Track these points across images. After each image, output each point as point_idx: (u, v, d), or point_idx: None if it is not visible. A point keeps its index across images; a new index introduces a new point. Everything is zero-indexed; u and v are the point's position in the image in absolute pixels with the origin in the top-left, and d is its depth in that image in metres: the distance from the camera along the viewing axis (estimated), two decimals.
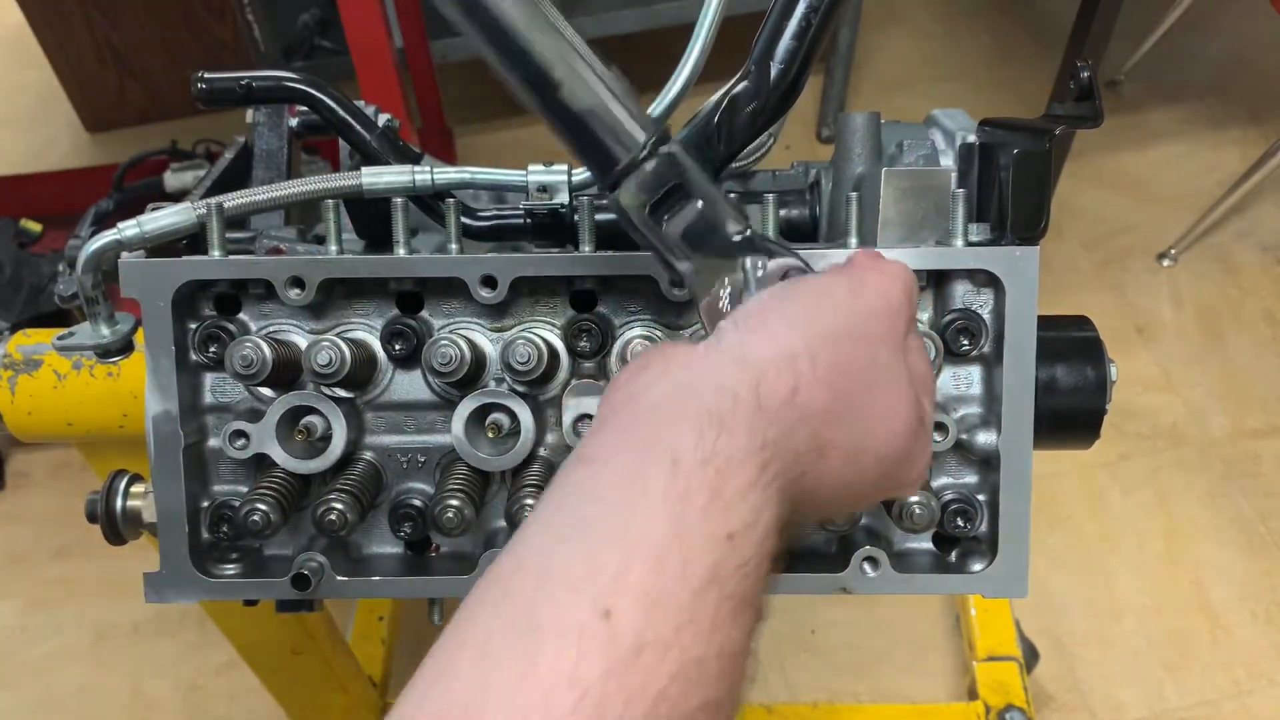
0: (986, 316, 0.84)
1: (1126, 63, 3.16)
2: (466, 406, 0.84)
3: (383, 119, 1.02)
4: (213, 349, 0.85)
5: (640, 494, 0.49)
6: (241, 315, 0.87)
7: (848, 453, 0.57)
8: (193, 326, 0.86)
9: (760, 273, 0.63)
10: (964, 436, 0.84)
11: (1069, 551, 2.20)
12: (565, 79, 0.64)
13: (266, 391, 0.87)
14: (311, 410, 0.85)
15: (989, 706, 1.75)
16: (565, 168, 0.93)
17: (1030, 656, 1.91)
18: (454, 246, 0.85)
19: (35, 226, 2.72)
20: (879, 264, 0.64)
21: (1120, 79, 3.18)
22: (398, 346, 0.84)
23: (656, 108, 0.89)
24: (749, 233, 0.65)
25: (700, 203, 0.64)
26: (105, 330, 0.94)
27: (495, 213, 0.99)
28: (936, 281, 0.85)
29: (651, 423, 0.53)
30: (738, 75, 0.85)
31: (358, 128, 0.98)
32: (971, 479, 0.88)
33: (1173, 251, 2.72)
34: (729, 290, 0.64)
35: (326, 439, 0.84)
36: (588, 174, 0.94)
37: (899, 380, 0.60)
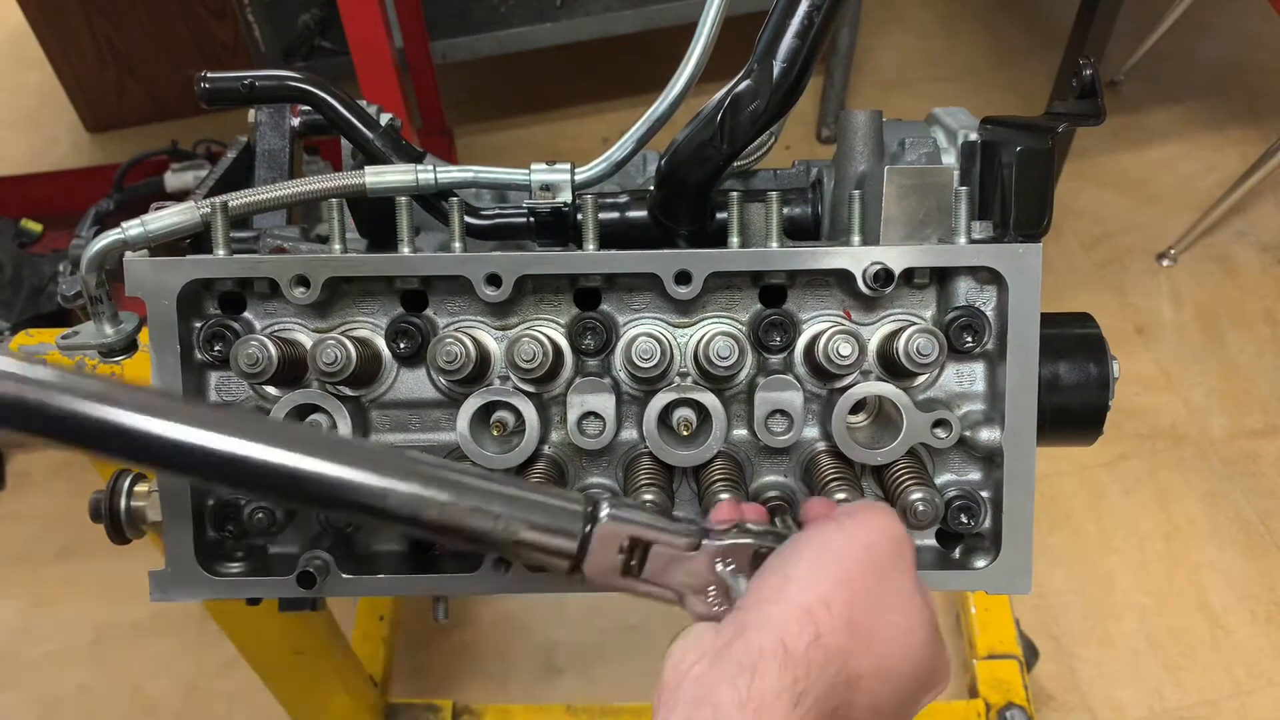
0: (989, 313, 0.84)
1: (1126, 63, 3.16)
2: (471, 404, 0.84)
3: (385, 118, 1.02)
4: (218, 347, 0.85)
5: None
6: (246, 314, 0.88)
7: (876, 677, 0.63)
8: (197, 325, 0.86)
9: (731, 567, 0.69)
10: (967, 433, 0.84)
11: (1069, 551, 2.20)
12: (497, 519, 0.64)
13: (272, 390, 0.87)
14: (317, 409, 0.85)
15: (989, 704, 1.75)
16: (568, 166, 0.93)
17: (1030, 655, 1.91)
18: (458, 245, 0.85)
19: (36, 226, 2.72)
20: (867, 506, 0.70)
21: (1120, 79, 3.18)
22: (402, 345, 0.85)
23: (659, 107, 0.90)
24: (700, 544, 0.69)
25: (655, 546, 0.69)
26: (109, 329, 0.94)
27: (498, 211, 0.99)
28: (940, 279, 0.86)
29: (695, 689, 0.59)
30: (740, 74, 0.85)
31: (361, 127, 0.98)
32: (975, 475, 0.88)
33: (1172, 251, 2.73)
34: (713, 594, 0.69)
35: None
36: (591, 172, 0.94)
37: (909, 598, 0.66)
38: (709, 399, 0.83)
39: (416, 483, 0.61)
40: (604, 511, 0.67)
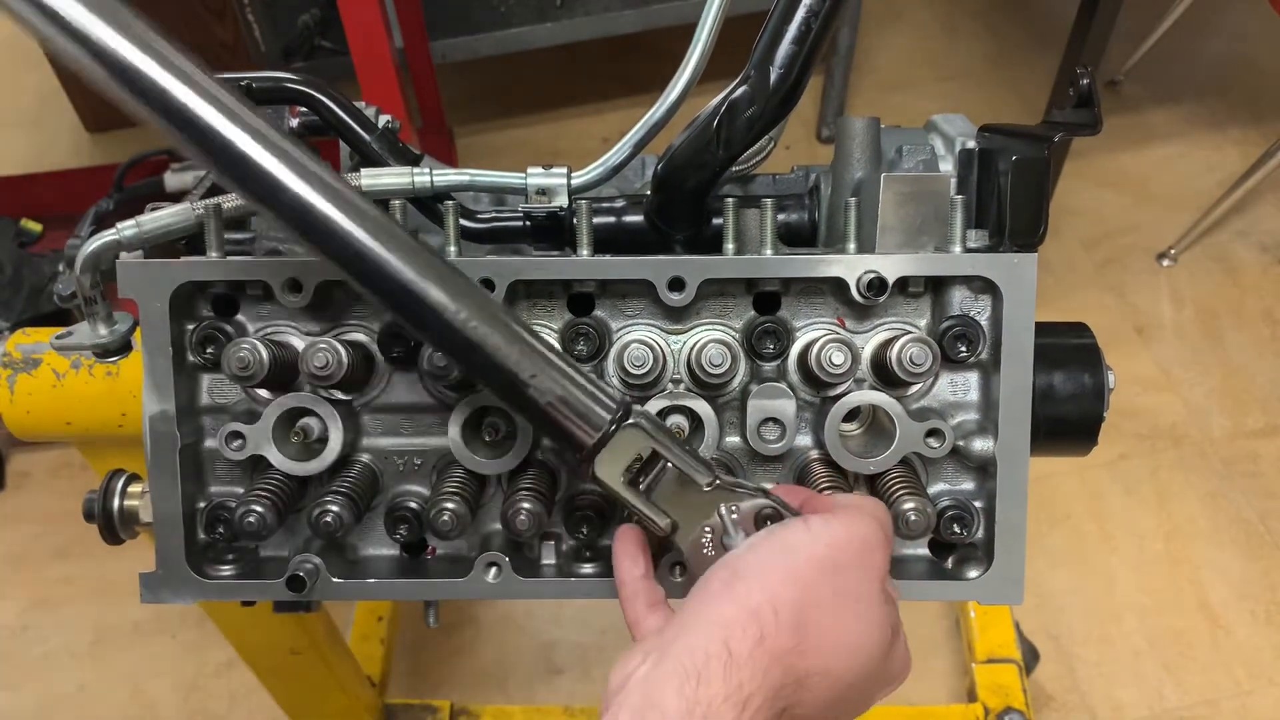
0: (984, 323, 0.83)
1: (1126, 63, 3.15)
2: (463, 410, 0.84)
3: (383, 120, 1.01)
4: (210, 350, 0.85)
5: None
6: (239, 316, 0.87)
7: (824, 676, 0.63)
8: (190, 327, 0.86)
9: (735, 516, 0.70)
10: (961, 443, 0.84)
11: (1069, 551, 2.20)
12: (533, 377, 0.69)
13: (263, 393, 0.87)
14: (308, 412, 0.85)
15: (988, 709, 1.75)
16: (564, 170, 0.93)
17: (1030, 657, 1.91)
18: (452, 249, 0.85)
19: (35, 226, 2.72)
20: (856, 503, 0.71)
21: (1120, 79, 3.18)
22: (395, 349, 0.84)
23: (656, 111, 0.90)
24: (718, 481, 0.72)
25: (670, 464, 0.71)
26: (104, 330, 0.94)
27: (494, 215, 0.99)
28: (934, 288, 0.85)
29: (641, 692, 0.60)
30: (737, 79, 0.85)
31: (357, 129, 0.97)
32: (968, 485, 0.88)
33: (1173, 251, 2.72)
34: (710, 535, 0.71)
35: (323, 441, 0.84)
36: (588, 176, 0.94)
37: (866, 601, 0.66)
38: (701, 406, 0.83)
39: (484, 321, 0.67)
40: (634, 417, 0.70)
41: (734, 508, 0.70)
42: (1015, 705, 1.75)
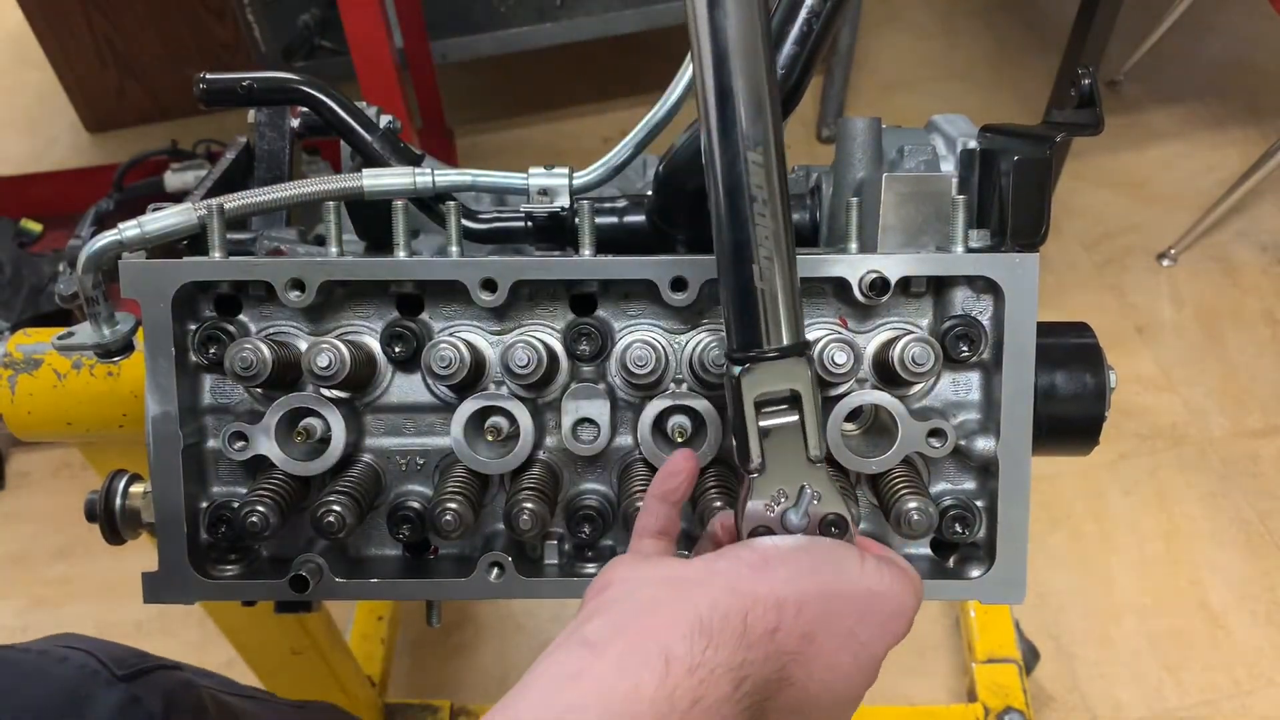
0: (986, 323, 0.84)
1: (1126, 63, 3.16)
2: (466, 409, 0.84)
3: (384, 120, 1.02)
4: (212, 350, 0.85)
5: (632, 692, 0.55)
6: (242, 316, 0.87)
7: (803, 692, 0.62)
8: (192, 327, 0.86)
9: (814, 503, 0.69)
10: (963, 443, 0.84)
11: (1069, 551, 2.20)
12: (763, 261, 0.67)
13: (266, 393, 0.87)
14: (311, 412, 0.85)
15: (988, 709, 1.75)
16: (566, 171, 0.93)
17: (1030, 657, 1.91)
18: (454, 249, 0.85)
19: (36, 226, 2.72)
20: (907, 570, 0.69)
21: (1120, 79, 3.18)
22: (397, 349, 0.84)
23: (657, 111, 0.90)
24: (821, 463, 0.69)
25: (798, 417, 0.69)
26: (105, 330, 0.94)
27: (496, 215, 0.99)
28: (936, 288, 0.85)
29: (649, 617, 0.59)
30: None
31: (359, 129, 0.98)
32: (970, 485, 0.88)
33: (1173, 251, 2.72)
34: (780, 507, 0.69)
35: (326, 441, 0.85)
36: (589, 176, 0.94)
37: (865, 658, 0.65)
38: (704, 406, 0.83)
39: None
40: (809, 356, 0.68)
41: (817, 494, 0.69)
42: (1015, 705, 1.75)
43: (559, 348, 0.86)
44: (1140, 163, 2.99)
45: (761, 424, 0.68)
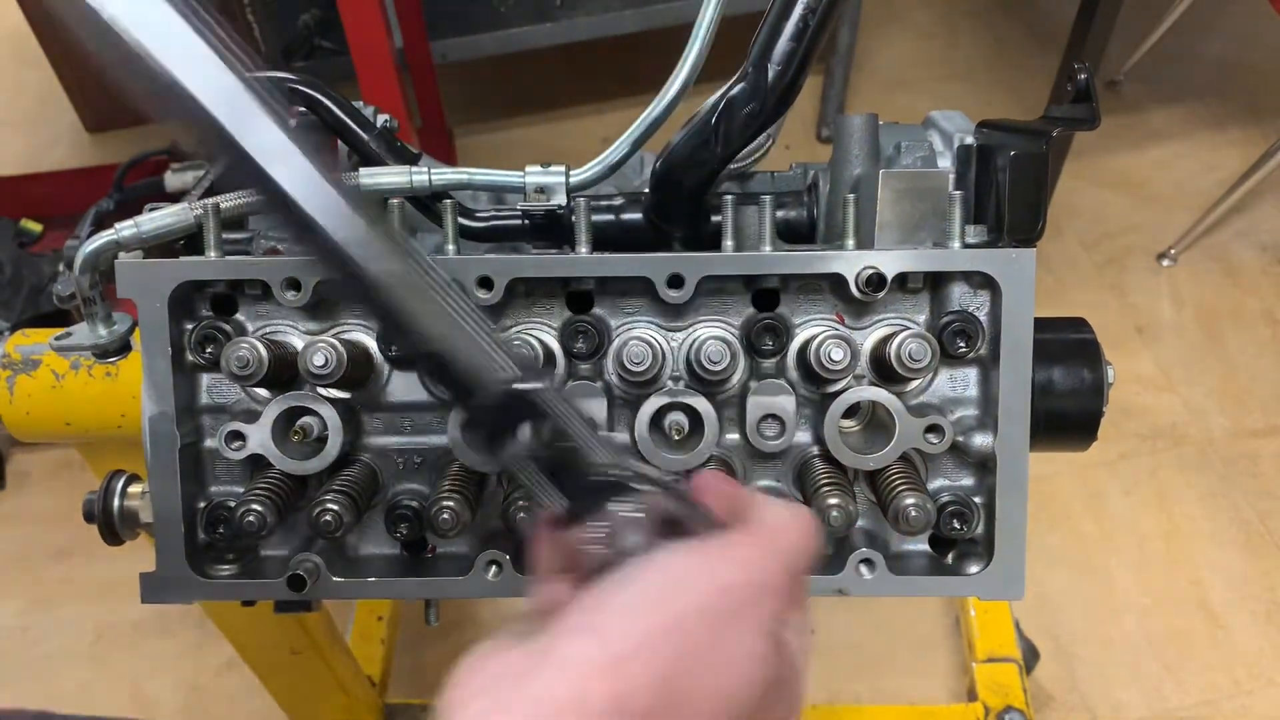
0: (983, 319, 0.83)
1: (1126, 63, 3.16)
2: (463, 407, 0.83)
3: (381, 120, 1.02)
4: (209, 350, 0.85)
5: None
6: (238, 316, 0.87)
7: (701, 708, 0.54)
8: (189, 327, 0.86)
9: (633, 515, 0.58)
10: (960, 439, 0.84)
11: (1068, 551, 2.20)
12: (419, 333, 0.59)
13: (263, 392, 0.87)
14: (308, 411, 0.84)
15: (988, 708, 1.75)
16: (563, 169, 0.93)
17: (1030, 656, 1.91)
18: (451, 247, 0.85)
19: (35, 226, 2.72)
20: (772, 526, 0.60)
21: (1120, 79, 3.18)
22: (394, 347, 0.84)
23: (654, 109, 0.90)
24: (612, 470, 0.59)
25: (564, 442, 0.59)
26: (103, 330, 0.94)
27: (493, 213, 0.99)
28: (933, 283, 0.85)
29: None
30: (735, 77, 0.85)
31: (356, 129, 0.98)
32: (968, 481, 0.88)
33: (1173, 251, 2.72)
34: (604, 532, 0.59)
35: (323, 440, 0.84)
36: (586, 174, 0.94)
37: (745, 649, 0.56)
38: (701, 403, 0.83)
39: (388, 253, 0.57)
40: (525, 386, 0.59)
41: (630, 505, 0.58)
42: (1015, 705, 1.75)
43: (555, 346, 0.86)
44: (1140, 162, 2.99)
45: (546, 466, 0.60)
